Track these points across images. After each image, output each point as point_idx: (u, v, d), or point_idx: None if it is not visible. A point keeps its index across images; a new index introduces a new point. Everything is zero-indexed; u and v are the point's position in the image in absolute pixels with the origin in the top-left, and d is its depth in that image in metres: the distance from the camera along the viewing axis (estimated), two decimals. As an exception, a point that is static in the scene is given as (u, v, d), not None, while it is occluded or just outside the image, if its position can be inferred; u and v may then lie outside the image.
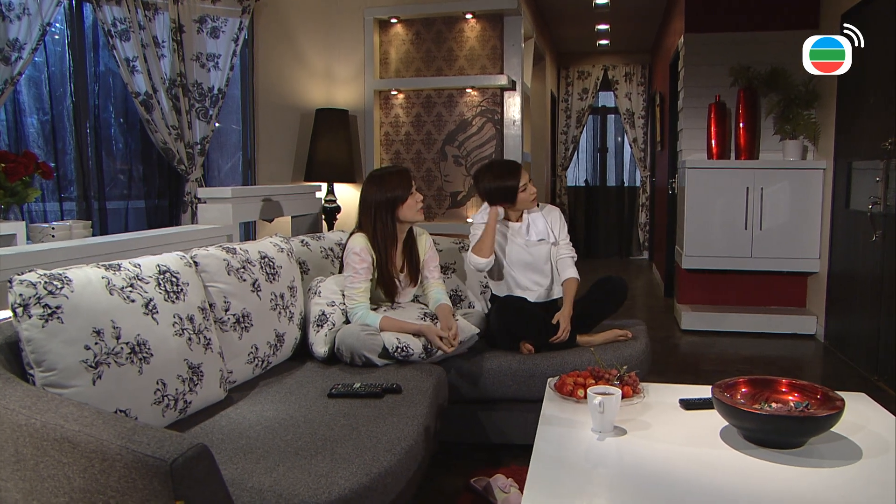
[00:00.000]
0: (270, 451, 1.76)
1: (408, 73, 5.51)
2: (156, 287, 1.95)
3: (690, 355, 4.63)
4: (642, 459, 1.65)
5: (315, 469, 1.66)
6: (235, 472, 1.61)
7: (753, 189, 5.09)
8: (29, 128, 3.97)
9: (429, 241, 2.96)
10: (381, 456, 1.77)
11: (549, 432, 1.79)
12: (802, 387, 1.81)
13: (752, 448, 1.68)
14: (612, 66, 9.26)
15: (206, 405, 2.07)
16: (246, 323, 2.34)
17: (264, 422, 1.99)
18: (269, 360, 2.47)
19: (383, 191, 2.73)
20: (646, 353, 2.87)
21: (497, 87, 5.32)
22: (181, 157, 4.57)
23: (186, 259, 2.17)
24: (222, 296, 2.27)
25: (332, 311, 2.70)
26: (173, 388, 1.89)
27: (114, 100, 4.41)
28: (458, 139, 5.46)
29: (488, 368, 2.72)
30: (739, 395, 1.80)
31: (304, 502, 1.51)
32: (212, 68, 4.65)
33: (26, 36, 3.67)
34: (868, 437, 1.76)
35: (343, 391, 2.23)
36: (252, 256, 2.47)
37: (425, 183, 5.53)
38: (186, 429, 1.90)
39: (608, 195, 9.71)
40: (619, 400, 1.79)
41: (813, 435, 1.66)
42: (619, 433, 1.79)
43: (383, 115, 5.60)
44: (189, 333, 2.01)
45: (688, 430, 1.82)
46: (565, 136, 9.42)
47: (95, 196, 4.31)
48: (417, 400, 2.21)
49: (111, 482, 1.24)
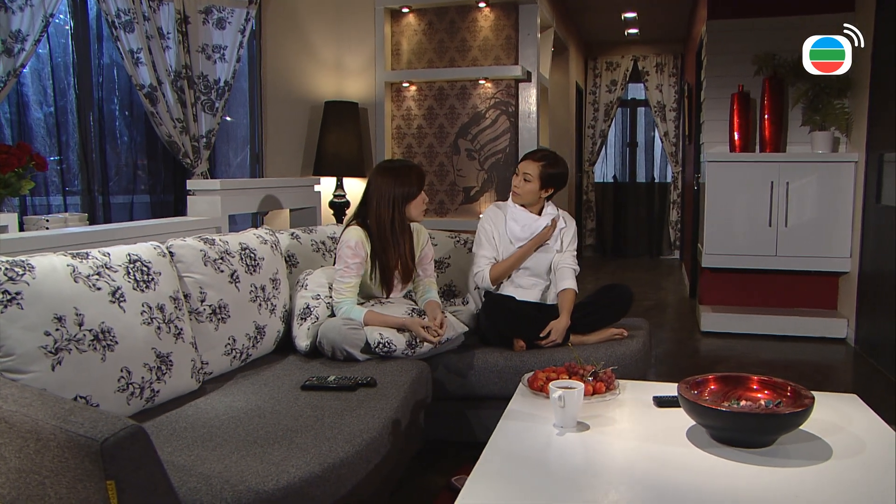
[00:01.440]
0: (229, 440, 1.82)
1: (420, 65, 5.56)
2: (124, 276, 2.03)
3: (707, 358, 4.60)
4: (598, 455, 1.68)
5: (269, 457, 1.72)
6: (189, 459, 1.68)
7: (779, 183, 5.02)
8: (32, 121, 4.11)
9: (425, 237, 3.00)
10: (338, 446, 1.83)
11: (510, 426, 1.83)
12: (774, 384, 1.82)
13: (717, 447, 1.69)
14: (641, 56, 9.19)
15: (176, 395, 2.15)
16: (223, 314, 2.41)
17: (231, 412, 2.05)
18: (248, 352, 2.54)
19: (399, 184, 2.77)
20: (642, 353, 2.87)
21: (511, 78, 5.35)
22: (186, 151, 4.67)
23: (161, 249, 2.26)
24: (198, 286, 2.35)
25: (317, 305, 2.76)
26: (139, 376, 1.97)
27: (118, 92, 4.54)
28: (472, 132, 5.50)
29: (475, 365, 2.76)
30: (707, 392, 1.81)
31: (250, 489, 1.57)
32: (218, 60, 4.75)
33: (29, 27, 3.78)
34: (844, 439, 1.75)
35: (316, 384, 2.30)
36: (232, 248, 2.55)
37: (437, 178, 5.58)
38: (152, 417, 1.98)
39: (637, 192, 9.64)
40: (581, 395, 1.81)
41: (778, 433, 1.67)
42: (581, 428, 1.81)
43: (395, 108, 5.66)
44: (158, 322, 2.08)
45: (654, 427, 1.83)
46: (592, 130, 9.38)
47: (100, 190, 4.44)
48: (390, 394, 2.26)
49: (45, 462, 1.31)
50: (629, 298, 3.03)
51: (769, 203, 5.05)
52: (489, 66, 5.39)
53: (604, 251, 9.78)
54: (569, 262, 3.11)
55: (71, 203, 4.35)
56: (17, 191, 3.06)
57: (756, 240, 5.09)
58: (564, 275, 3.07)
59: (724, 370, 4.23)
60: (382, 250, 2.78)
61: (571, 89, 7.98)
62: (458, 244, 3.33)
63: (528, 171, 3.03)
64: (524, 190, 3.05)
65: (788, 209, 5.03)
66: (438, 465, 2.78)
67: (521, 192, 3.05)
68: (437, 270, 3.26)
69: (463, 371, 2.76)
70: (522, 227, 3.06)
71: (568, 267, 3.09)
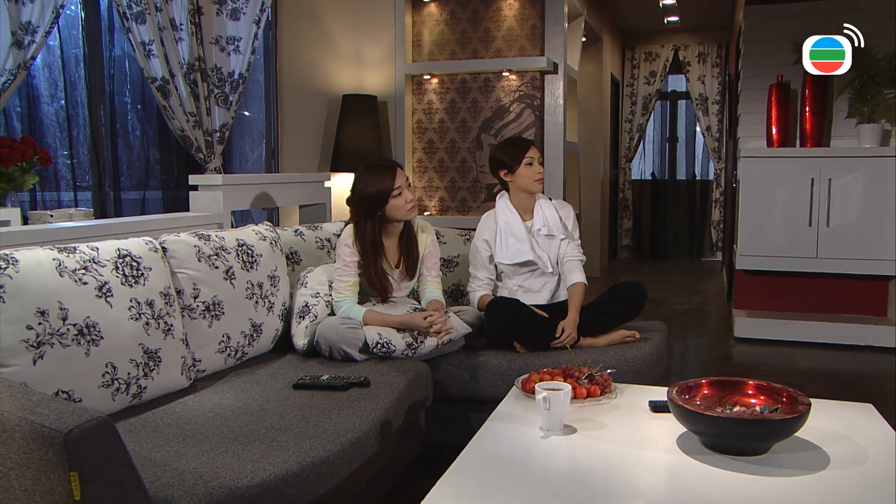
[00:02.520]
0: (211, 437, 1.89)
1: (442, 56, 5.61)
2: (112, 271, 2.11)
3: (739, 365, 4.56)
4: (581, 460, 1.70)
5: (247, 454, 1.77)
6: (166, 455, 1.75)
7: (820, 180, 4.95)
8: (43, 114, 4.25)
9: (431, 236, 3.03)
10: (319, 445, 1.88)
11: (495, 428, 1.86)
12: (771, 389, 1.82)
13: (707, 454, 1.70)
14: (683, 45, 9.10)
15: (165, 392, 2.23)
16: (217, 311, 2.49)
17: (219, 410, 2.12)
18: (243, 350, 2.61)
19: (368, 185, 2.80)
20: (655, 357, 2.87)
21: (537, 70, 5.36)
22: (199, 146, 4.76)
23: (153, 244, 2.34)
24: (191, 282, 2.43)
25: (316, 303, 2.82)
26: (125, 371, 2.05)
27: (130, 85, 4.67)
28: (495, 127, 5.53)
29: (478, 367, 2.79)
30: (700, 397, 1.82)
31: (223, 485, 1.63)
32: (232, 52, 4.84)
33: (39, 18, 3.88)
34: (846, 448, 1.75)
35: (309, 383, 2.36)
36: (228, 244, 2.62)
37: (460, 174, 5.62)
38: (138, 414, 2.06)
39: (677, 190, 9.55)
40: (567, 397, 1.83)
41: (770, 441, 1.67)
42: (567, 432, 1.83)
43: (415, 101, 5.71)
44: (147, 318, 2.16)
45: (644, 433, 1.85)
46: (630, 124, 9.33)
47: (111, 186, 4.57)
48: (383, 394, 2.31)
49: (10, 453, 1.39)
50: (643, 296, 3.02)
51: (809, 201, 4.98)
52: (514, 57, 5.42)
53: (641, 252, 9.71)
54: (574, 253, 3.11)
55: (82, 199, 4.48)
56: (21, 186, 3.17)
57: (795, 240, 5.03)
58: (572, 267, 3.07)
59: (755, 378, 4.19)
60: (367, 254, 2.82)
61: (605, 81, 7.95)
62: (467, 242, 3.36)
63: (538, 154, 3.11)
64: (543, 177, 3.12)
65: (831, 208, 4.95)
66: (440, 468, 2.81)
67: (541, 178, 3.10)
68: (446, 269, 3.30)
69: (465, 373, 2.79)
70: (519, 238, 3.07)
71: (574, 259, 3.10)
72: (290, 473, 1.75)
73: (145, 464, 1.68)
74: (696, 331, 5.43)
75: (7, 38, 3.65)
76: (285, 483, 1.73)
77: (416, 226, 3.00)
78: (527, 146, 3.08)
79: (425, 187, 5.70)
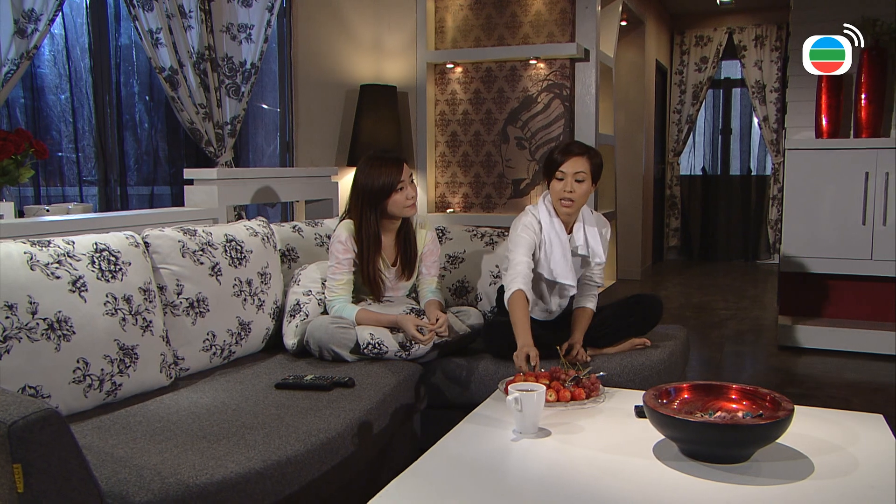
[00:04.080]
0: (179, 435, 1.98)
1: (466, 44, 5.67)
2: (88, 265, 2.22)
3: (779, 375, 4.52)
4: (548, 464, 1.75)
5: (211, 452, 1.86)
6: (129, 451, 1.85)
7: (876, 174, 4.87)
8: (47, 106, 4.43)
9: (430, 233, 3.09)
10: (287, 444, 1.96)
11: (466, 429, 1.92)
12: (755, 394, 1.83)
13: (682, 461, 1.73)
14: (738, 28, 8.98)
15: (142, 390, 2.33)
16: (201, 308, 2.59)
17: (194, 408, 2.22)
18: (230, 349, 2.71)
19: (372, 178, 2.87)
20: (666, 364, 2.88)
21: (566, 57, 5.39)
22: (210, 139, 4.89)
23: (134, 239, 2.44)
24: (174, 278, 2.54)
25: (307, 301, 2.91)
26: (98, 368, 2.16)
27: (137, 76, 4.83)
28: (522, 118, 5.57)
29: (476, 372, 2.84)
30: (678, 402, 1.85)
31: (180, 481, 1.71)
32: (244, 40, 4.96)
33: (42, 6, 4.01)
34: (834, 459, 1.77)
35: (292, 382, 2.44)
36: (215, 239, 2.72)
37: (484, 169, 5.67)
38: (111, 411, 2.17)
39: (731, 186, 9.43)
40: (541, 398, 1.88)
41: (746, 448, 1.69)
42: (541, 435, 1.88)
43: (438, 92, 5.78)
44: (124, 314, 2.27)
45: (622, 438, 1.89)
46: (678, 115, 9.25)
47: (117, 180, 4.72)
48: (366, 396, 2.38)
49: (-42, 443, 1.49)
50: (658, 312, 3.01)
51: (863, 197, 4.91)
52: (542, 43, 5.45)
53: (690, 254, 9.62)
54: (596, 278, 3.04)
55: (88, 194, 4.64)
56: (16, 179, 3.32)
57: (847, 241, 4.95)
58: (585, 291, 3.03)
59: (796, 391, 4.16)
60: (366, 249, 2.89)
61: (649, 69, 7.91)
62: (474, 237, 3.41)
63: (579, 168, 2.81)
64: (580, 193, 2.83)
65: (888, 205, 4.87)
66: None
67: (576, 197, 2.83)
68: (451, 266, 3.35)
69: (463, 378, 2.84)
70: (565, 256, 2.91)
71: (594, 284, 3.04)
72: (253, 472, 1.83)
73: (106, 459, 1.78)
74: (737, 338, 5.39)
75: (9, 27, 3.75)
76: (247, 481, 1.81)
77: (415, 222, 3.07)
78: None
79: (448, 183, 5.76)
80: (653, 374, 2.81)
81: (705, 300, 6.84)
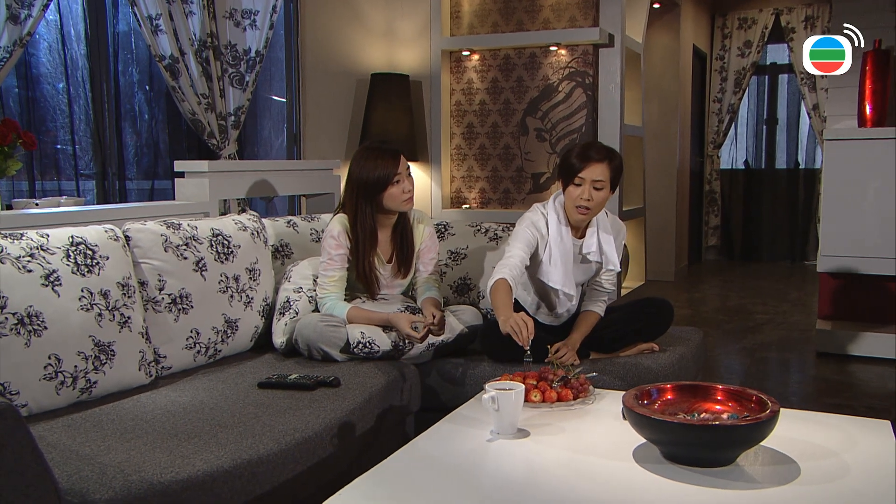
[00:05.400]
0: (150, 433, 2.06)
1: (483, 29, 5.71)
2: (63, 259, 2.31)
3: (815, 384, 4.51)
4: (522, 466, 1.80)
5: (180, 450, 1.94)
6: (95, 449, 1.93)
7: (922, 168, 4.83)
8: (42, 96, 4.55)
9: (428, 229, 3.15)
10: (260, 443, 2.03)
11: (442, 430, 1.97)
12: (741, 395, 1.86)
13: (663, 465, 1.76)
14: (786, 9, 8.87)
15: (120, 388, 2.42)
16: (184, 304, 2.67)
17: (171, 407, 2.30)
18: (216, 347, 2.79)
19: (367, 170, 2.93)
20: (676, 368, 2.89)
21: (589, 43, 5.41)
22: (212, 131, 4.97)
23: (114, 232, 2.53)
24: (156, 273, 2.62)
25: (298, 299, 2.98)
26: (71, 364, 2.24)
27: (137, 64, 4.94)
28: (542, 108, 5.60)
29: (473, 374, 2.88)
30: (660, 403, 1.88)
31: (144, 479, 1.79)
32: (248, 27, 5.02)
33: None
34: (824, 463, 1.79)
35: (275, 381, 2.52)
36: (201, 234, 2.81)
37: (502, 162, 5.71)
38: (85, 409, 2.25)
39: (776, 181, 9.34)
40: (520, 398, 1.92)
41: (727, 450, 1.72)
42: (518, 436, 1.93)
43: (453, 81, 5.84)
44: (100, 309, 2.35)
45: (603, 440, 1.93)
46: (719, 104, 9.18)
47: (116, 174, 4.83)
48: (350, 396, 2.44)
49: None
50: (667, 318, 3.03)
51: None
52: (563, 28, 5.48)
53: (731, 254, 9.56)
54: (608, 285, 3.05)
55: (86, 188, 4.76)
56: (3, 172, 3.44)
57: (892, 239, 4.91)
58: (594, 296, 3.05)
59: (832, 401, 4.14)
60: (361, 244, 2.95)
61: (685, 54, 7.89)
62: (477, 233, 3.46)
63: (598, 176, 2.78)
64: (598, 201, 2.82)
65: (938, 200, 4.83)
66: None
67: (594, 205, 2.82)
68: (453, 262, 3.40)
69: (459, 379, 2.89)
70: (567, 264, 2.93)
71: (603, 290, 3.06)
72: (221, 470, 1.90)
73: (70, 457, 1.86)
74: (773, 344, 5.37)
75: (1, 13, 3.84)
76: (214, 480, 1.88)
77: (413, 218, 3.12)
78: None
79: (464, 177, 5.82)
80: (658, 379, 2.82)
81: (742, 303, 6.81)
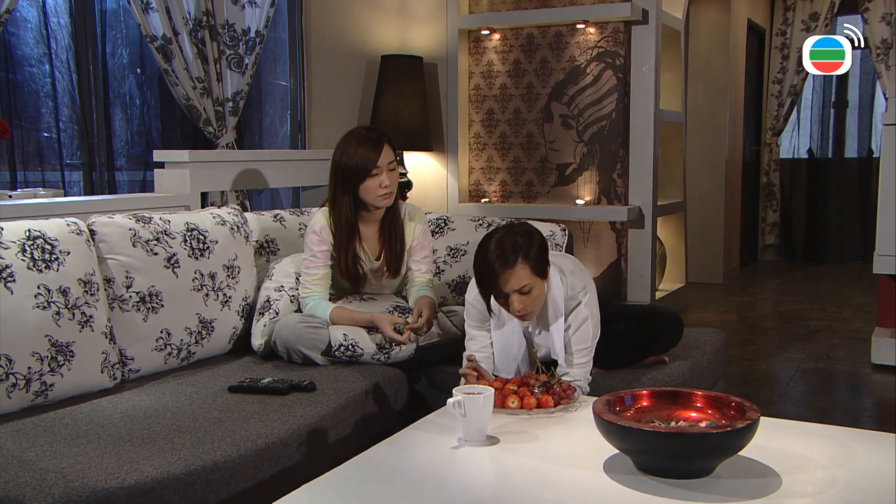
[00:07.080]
0: (102, 438, 2.15)
1: (504, 6, 5.75)
2: (18, 254, 2.42)
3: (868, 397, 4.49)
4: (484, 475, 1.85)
5: (130, 456, 2.03)
6: (39, 455, 2.02)
7: None
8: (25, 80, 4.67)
9: (421, 226, 3.20)
10: (217, 449, 2.11)
11: (407, 436, 2.03)
12: (721, 402, 1.89)
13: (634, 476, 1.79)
14: (860, -26, 8.75)
15: (80, 391, 2.51)
16: (154, 303, 2.77)
17: (131, 411, 2.39)
18: (189, 349, 2.88)
19: (346, 157, 2.99)
20: (687, 377, 2.90)
21: (620, 20, 5.42)
22: (209, 117, 5.05)
23: (76, 226, 2.63)
24: (123, 270, 2.72)
25: (279, 298, 3.06)
26: (24, 366, 2.34)
27: (127, 45, 5.04)
28: (568, 93, 5.63)
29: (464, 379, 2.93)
30: (634, 410, 1.92)
31: (86, 485, 1.88)
32: (247, 4, 5.08)
33: None
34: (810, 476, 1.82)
35: (246, 385, 2.60)
36: (174, 228, 2.90)
37: (525, 152, 5.75)
38: (37, 413, 2.35)
39: (845, 171, 9.21)
40: (489, 403, 1.98)
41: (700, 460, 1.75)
42: (487, 443, 1.99)
43: (472, 63, 5.89)
44: (58, 307, 2.45)
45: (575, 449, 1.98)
46: (779, 85, 9.08)
47: (104, 164, 4.94)
48: (324, 401, 2.52)
49: None
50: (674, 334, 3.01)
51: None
52: (592, 4, 5.48)
53: (792, 254, 9.47)
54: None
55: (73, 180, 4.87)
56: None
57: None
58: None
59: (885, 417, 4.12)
60: (343, 240, 3.02)
61: (738, 30, 7.86)
62: (479, 228, 3.51)
63: (518, 284, 2.39)
64: (534, 307, 2.47)
65: None
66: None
67: (533, 308, 2.47)
68: (451, 259, 3.46)
69: (449, 386, 2.92)
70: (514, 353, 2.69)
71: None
72: (172, 477, 1.98)
73: (10, 462, 1.96)
74: (824, 354, 5.34)
75: None
76: (164, 487, 1.96)
77: (404, 213, 3.19)
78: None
79: (484, 168, 5.87)
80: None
81: (797, 308, 6.77)
